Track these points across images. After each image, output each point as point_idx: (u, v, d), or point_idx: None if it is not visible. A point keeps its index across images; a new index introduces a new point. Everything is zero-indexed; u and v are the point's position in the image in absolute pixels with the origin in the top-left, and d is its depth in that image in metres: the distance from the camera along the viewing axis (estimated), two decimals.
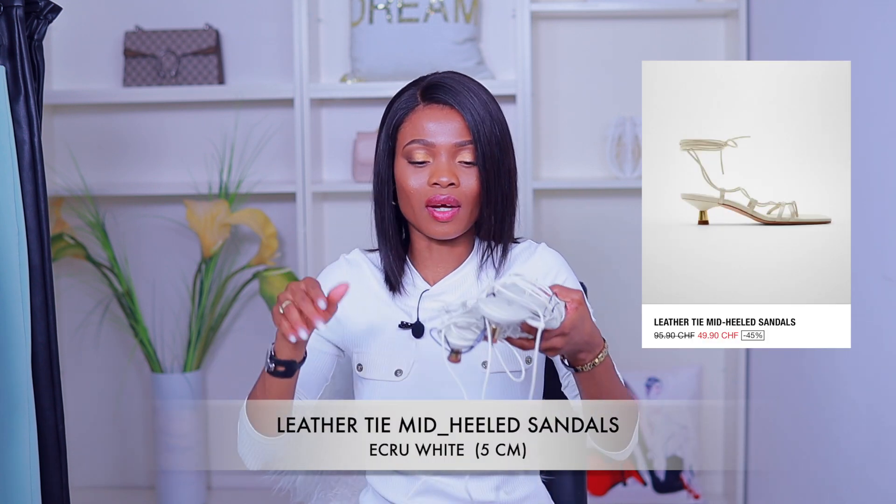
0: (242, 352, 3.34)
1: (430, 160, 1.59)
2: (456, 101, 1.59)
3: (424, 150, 1.59)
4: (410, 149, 1.60)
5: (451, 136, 1.59)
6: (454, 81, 1.62)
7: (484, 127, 1.59)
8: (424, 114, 1.60)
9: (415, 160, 1.60)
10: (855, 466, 2.24)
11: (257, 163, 3.25)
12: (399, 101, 1.64)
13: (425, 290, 1.65)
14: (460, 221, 1.60)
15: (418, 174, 1.59)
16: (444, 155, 1.59)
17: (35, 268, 1.75)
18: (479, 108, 1.59)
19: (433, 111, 1.60)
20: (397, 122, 1.62)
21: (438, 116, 1.60)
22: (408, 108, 1.62)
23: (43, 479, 1.77)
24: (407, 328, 1.64)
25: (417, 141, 1.59)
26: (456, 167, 1.59)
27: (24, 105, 1.74)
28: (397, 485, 1.64)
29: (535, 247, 1.70)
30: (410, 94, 1.63)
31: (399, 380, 1.62)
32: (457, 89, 1.60)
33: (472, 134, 1.58)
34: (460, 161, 1.59)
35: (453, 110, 1.60)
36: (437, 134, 1.59)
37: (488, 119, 1.59)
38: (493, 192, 1.60)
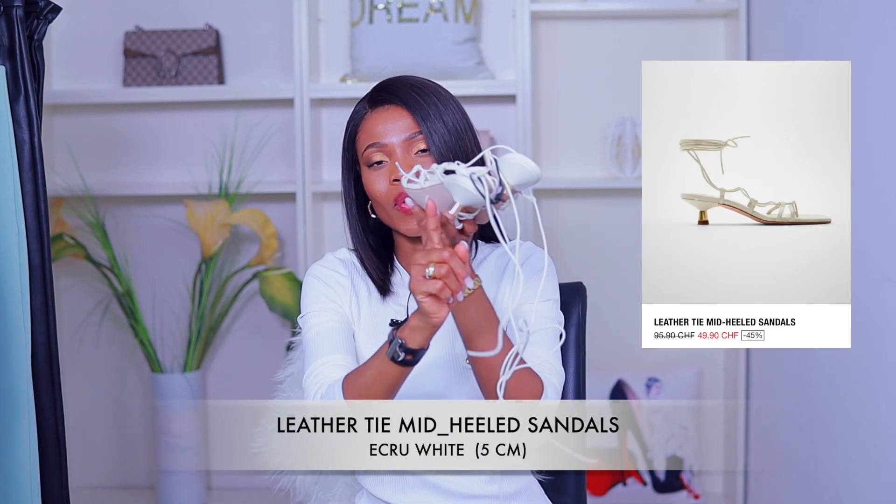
0: (242, 352, 3.34)
1: (386, 159, 1.61)
2: (398, 97, 1.62)
3: (379, 151, 1.61)
4: (368, 154, 1.62)
5: (401, 131, 1.61)
6: (396, 81, 1.65)
7: (431, 116, 1.60)
8: (373, 118, 1.63)
9: (373, 161, 1.62)
10: (855, 466, 2.24)
11: (257, 163, 3.25)
12: (351, 116, 1.68)
13: None
14: None
15: (380, 177, 1.61)
16: (398, 150, 1.61)
17: (35, 268, 1.75)
18: (422, 99, 1.61)
19: (380, 114, 1.63)
20: (352, 134, 1.66)
21: (385, 118, 1.62)
22: (358, 118, 1.66)
23: (43, 479, 1.77)
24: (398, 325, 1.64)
25: (372, 145, 1.62)
26: (413, 160, 1.60)
27: (24, 105, 1.74)
28: (390, 483, 1.64)
29: (520, 244, 1.69)
30: (360, 106, 1.67)
31: None
32: (396, 87, 1.64)
33: (419, 125, 1.60)
34: (418, 152, 1.61)
35: (398, 107, 1.62)
36: (388, 133, 1.61)
37: (434, 108, 1.61)
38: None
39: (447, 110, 1.62)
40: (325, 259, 1.73)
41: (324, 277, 1.68)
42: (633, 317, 1.73)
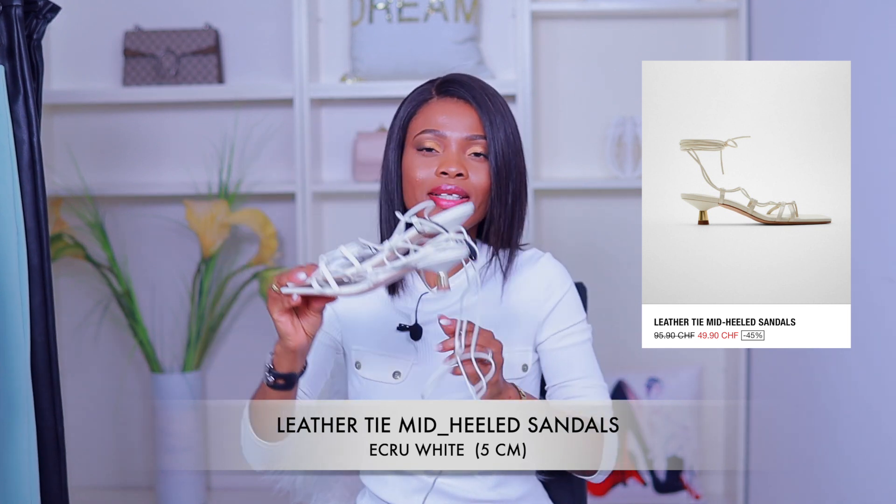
0: (242, 352, 3.34)
1: (439, 150, 1.58)
2: (471, 95, 1.59)
3: (435, 139, 1.58)
4: (421, 138, 1.59)
5: (464, 129, 1.58)
6: (470, 79, 1.62)
7: (497, 124, 1.58)
8: (438, 106, 1.60)
9: (424, 146, 1.58)
10: (855, 466, 2.24)
11: (257, 163, 3.25)
12: (412, 95, 1.64)
13: (424, 292, 1.65)
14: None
15: (427, 164, 1.58)
16: (454, 146, 1.58)
17: (34, 268, 1.75)
18: (492, 105, 1.59)
19: (447, 104, 1.60)
20: (409, 114, 1.62)
21: (452, 109, 1.59)
22: (421, 100, 1.62)
23: (42, 479, 1.77)
24: (405, 330, 1.63)
25: (428, 131, 1.58)
26: (466, 160, 1.58)
27: (24, 105, 1.74)
28: (394, 485, 1.64)
29: (539, 255, 1.69)
30: (425, 89, 1.63)
31: (397, 382, 1.62)
32: (472, 85, 1.60)
33: (484, 129, 1.58)
34: (471, 153, 1.58)
35: (467, 104, 1.59)
36: (449, 126, 1.58)
37: (500, 117, 1.59)
38: (504, 189, 1.59)
39: (509, 124, 1.60)
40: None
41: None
42: (633, 317, 1.73)
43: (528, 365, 1.65)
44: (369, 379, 1.64)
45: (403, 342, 1.63)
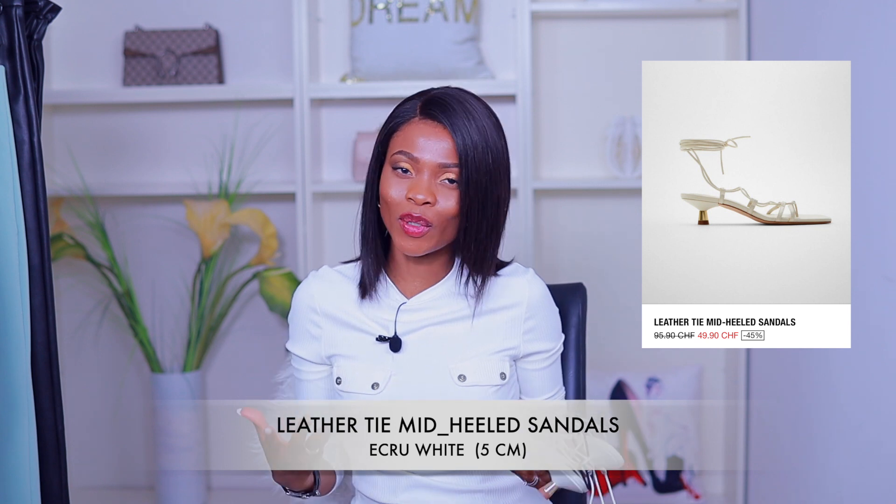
0: (242, 352, 3.34)
1: (413, 173, 1.58)
2: (450, 121, 1.58)
3: (409, 162, 1.58)
4: (397, 157, 1.59)
5: (438, 155, 1.58)
6: (455, 101, 1.60)
7: (475, 152, 1.57)
8: (418, 128, 1.59)
9: (399, 165, 1.58)
10: (855, 467, 2.24)
11: (257, 163, 3.25)
12: (399, 110, 1.64)
13: (402, 303, 1.65)
14: (430, 240, 1.59)
15: (399, 184, 1.58)
16: (426, 172, 1.58)
17: (34, 268, 1.75)
18: (473, 133, 1.57)
19: (426, 127, 1.59)
20: (391, 130, 1.62)
21: (430, 133, 1.58)
22: (404, 118, 1.62)
23: (42, 479, 1.77)
24: (384, 341, 1.64)
25: (404, 153, 1.58)
26: (436, 186, 1.57)
27: (24, 105, 1.74)
28: (382, 484, 1.64)
29: (521, 273, 1.69)
30: (411, 105, 1.62)
31: (375, 393, 1.63)
32: (455, 109, 1.59)
33: (459, 157, 1.57)
34: (444, 179, 1.58)
35: (445, 130, 1.58)
36: (425, 150, 1.58)
37: (482, 145, 1.58)
38: (475, 218, 1.59)
39: (492, 150, 1.59)
40: (307, 280, 1.72)
41: (300, 310, 1.70)
42: (633, 317, 1.73)
43: (507, 373, 1.65)
44: (348, 392, 1.64)
45: (382, 354, 1.64)
